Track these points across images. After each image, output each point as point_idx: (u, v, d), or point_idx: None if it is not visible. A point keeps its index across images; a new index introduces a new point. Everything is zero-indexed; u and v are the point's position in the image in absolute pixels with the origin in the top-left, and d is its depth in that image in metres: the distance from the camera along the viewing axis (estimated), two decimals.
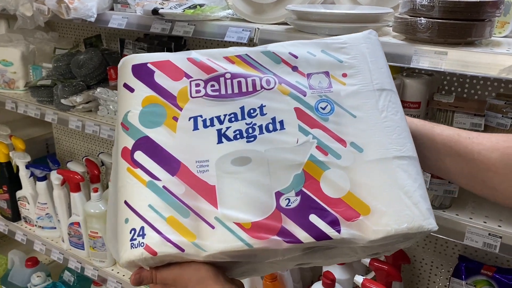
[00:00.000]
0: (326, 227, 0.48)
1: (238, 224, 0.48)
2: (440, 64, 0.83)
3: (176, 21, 1.16)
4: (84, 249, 1.60)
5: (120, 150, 0.53)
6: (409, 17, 0.87)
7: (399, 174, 0.50)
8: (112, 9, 1.34)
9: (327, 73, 0.56)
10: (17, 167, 1.74)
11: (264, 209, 0.49)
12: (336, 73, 0.56)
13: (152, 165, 0.51)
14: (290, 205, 0.49)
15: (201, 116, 0.53)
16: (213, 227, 0.48)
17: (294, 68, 0.56)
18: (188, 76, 0.55)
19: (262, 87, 0.55)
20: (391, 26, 0.96)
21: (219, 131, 0.52)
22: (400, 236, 0.49)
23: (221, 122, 0.53)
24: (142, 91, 0.55)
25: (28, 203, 1.74)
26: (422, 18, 0.84)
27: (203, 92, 0.54)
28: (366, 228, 0.48)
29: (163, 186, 0.50)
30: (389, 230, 0.48)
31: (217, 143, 0.52)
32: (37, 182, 1.68)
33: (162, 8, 1.15)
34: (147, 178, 0.51)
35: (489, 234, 0.90)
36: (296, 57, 0.57)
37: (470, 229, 0.90)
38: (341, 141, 0.52)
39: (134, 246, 0.48)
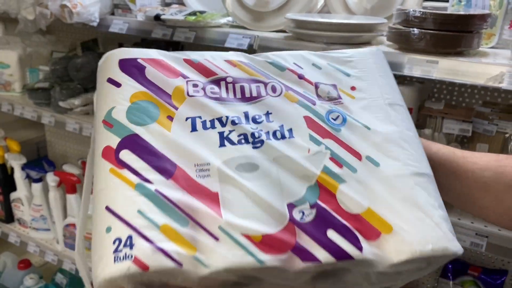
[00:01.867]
0: (347, 245, 0.42)
1: (247, 236, 0.41)
2: (432, 72, 0.88)
3: (177, 27, 1.20)
4: None
5: (101, 150, 0.45)
6: (402, 27, 0.92)
7: (419, 192, 0.46)
8: (112, 13, 1.37)
9: (334, 86, 0.53)
10: (12, 168, 1.75)
11: (276, 220, 0.42)
12: (344, 86, 0.53)
13: (142, 165, 0.43)
14: (304, 219, 0.43)
15: (200, 117, 0.48)
16: (217, 239, 0.41)
17: (301, 76, 0.53)
18: (184, 77, 0.50)
19: (267, 93, 0.51)
20: (385, 36, 1.01)
21: (221, 133, 0.47)
22: (423, 260, 0.44)
23: (223, 125, 0.47)
24: (131, 86, 0.48)
25: (23, 205, 1.75)
26: (415, 29, 0.89)
27: (201, 93, 0.49)
28: (388, 248, 0.43)
29: (156, 190, 0.42)
30: (413, 251, 0.43)
31: (219, 146, 0.46)
32: (33, 184, 1.68)
33: (164, 14, 1.19)
34: (135, 180, 0.42)
35: (476, 234, 0.95)
36: (301, 67, 0.54)
37: (458, 229, 0.95)
38: (356, 154, 0.48)
39: (118, 259, 0.38)
